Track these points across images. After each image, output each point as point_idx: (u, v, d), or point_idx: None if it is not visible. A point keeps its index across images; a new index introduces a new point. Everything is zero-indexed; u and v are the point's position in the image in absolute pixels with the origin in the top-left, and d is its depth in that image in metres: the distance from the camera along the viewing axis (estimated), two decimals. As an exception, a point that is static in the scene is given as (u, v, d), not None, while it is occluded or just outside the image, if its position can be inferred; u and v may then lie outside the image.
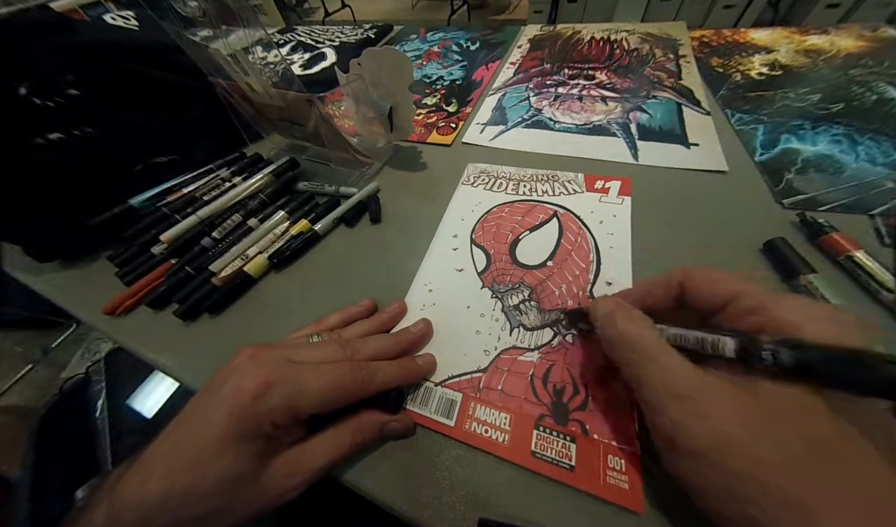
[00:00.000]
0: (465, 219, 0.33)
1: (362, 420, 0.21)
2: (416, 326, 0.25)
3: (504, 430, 0.21)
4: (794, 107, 0.39)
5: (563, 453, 0.20)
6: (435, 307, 0.27)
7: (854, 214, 0.28)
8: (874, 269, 0.23)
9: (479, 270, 0.29)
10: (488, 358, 0.24)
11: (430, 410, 0.22)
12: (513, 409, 0.22)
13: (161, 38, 0.41)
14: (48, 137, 0.33)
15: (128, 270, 0.32)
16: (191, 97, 0.41)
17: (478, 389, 0.23)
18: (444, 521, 0.19)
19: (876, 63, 0.43)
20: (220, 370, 0.20)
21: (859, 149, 0.33)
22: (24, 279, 0.35)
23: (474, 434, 0.21)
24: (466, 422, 0.21)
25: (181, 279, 0.31)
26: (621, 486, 0.18)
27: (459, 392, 0.23)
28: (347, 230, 0.35)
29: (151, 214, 0.35)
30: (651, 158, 0.36)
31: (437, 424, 0.22)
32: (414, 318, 0.27)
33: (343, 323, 0.26)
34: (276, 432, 0.18)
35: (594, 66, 0.52)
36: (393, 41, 0.71)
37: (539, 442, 0.20)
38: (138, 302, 0.30)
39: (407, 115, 0.36)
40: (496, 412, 0.22)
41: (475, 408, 0.22)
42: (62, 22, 0.38)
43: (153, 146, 0.40)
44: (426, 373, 0.23)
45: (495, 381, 0.23)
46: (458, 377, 0.23)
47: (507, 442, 0.20)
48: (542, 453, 0.20)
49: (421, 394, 0.23)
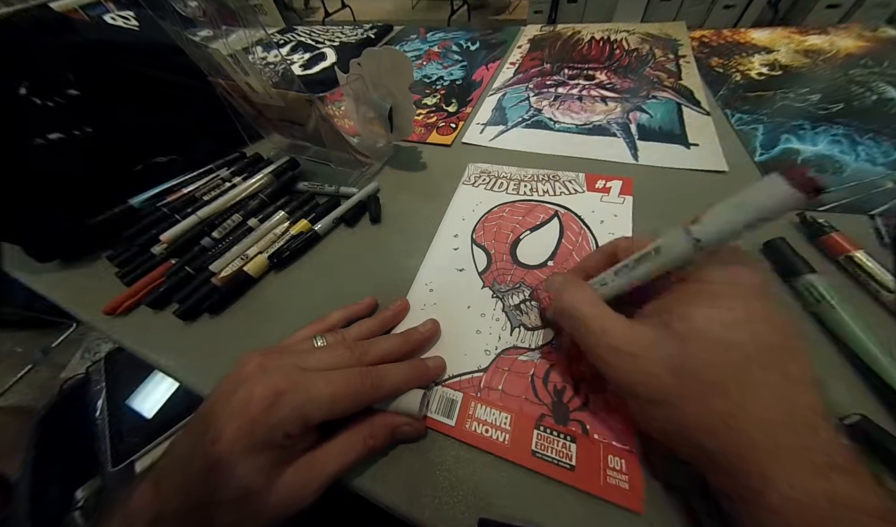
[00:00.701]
0: (465, 219, 0.33)
1: (374, 425, 0.20)
2: (424, 326, 0.25)
3: (505, 429, 0.21)
4: (794, 107, 0.39)
5: (563, 453, 0.20)
6: (436, 307, 0.27)
7: (854, 214, 0.28)
8: (874, 269, 0.23)
9: (480, 270, 0.29)
10: (489, 358, 0.24)
11: (431, 409, 0.22)
12: (513, 409, 0.22)
13: (161, 38, 0.41)
14: (48, 136, 0.33)
15: (128, 270, 0.32)
16: (191, 97, 0.41)
17: (478, 389, 0.23)
18: (444, 521, 0.19)
19: (876, 63, 0.43)
20: (229, 377, 0.19)
21: (859, 149, 0.33)
22: (24, 279, 0.35)
23: (475, 434, 0.21)
24: (467, 422, 0.21)
25: (181, 279, 0.31)
26: (621, 486, 0.18)
27: (460, 392, 0.23)
28: (347, 230, 0.35)
29: (151, 215, 0.35)
30: (651, 159, 0.36)
31: (437, 423, 0.22)
32: (414, 317, 0.27)
33: (345, 321, 0.26)
34: (288, 442, 0.18)
35: (594, 67, 0.52)
36: (393, 41, 0.71)
37: (539, 442, 0.20)
38: (138, 302, 0.30)
39: (407, 115, 0.36)
40: (497, 412, 0.22)
41: (476, 408, 0.22)
42: (62, 22, 0.38)
43: (153, 146, 0.40)
44: (436, 375, 0.23)
45: (496, 381, 0.23)
46: (459, 377, 0.23)
47: (508, 442, 0.20)
48: (542, 452, 0.20)
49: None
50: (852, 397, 0.19)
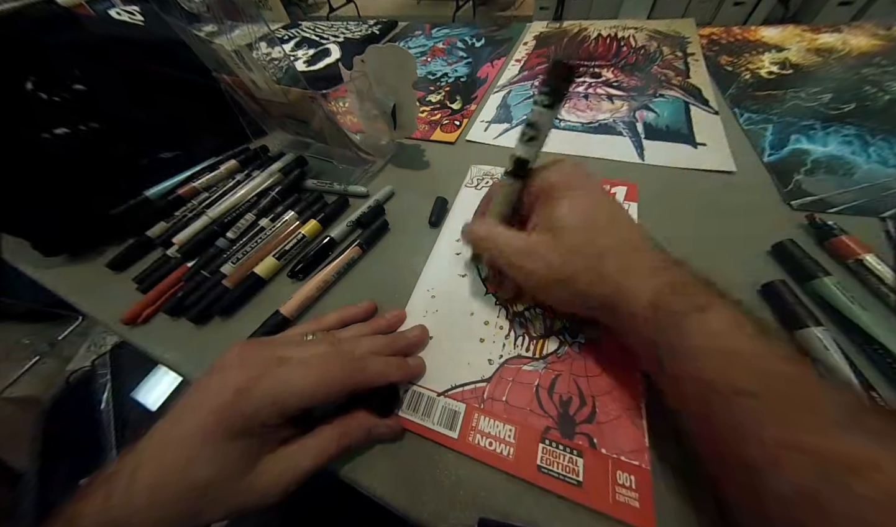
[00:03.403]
0: (467, 223, 0.32)
1: (350, 423, 0.20)
2: (411, 331, 0.25)
3: (509, 443, 0.20)
4: (805, 106, 0.39)
5: (569, 468, 0.19)
6: (438, 314, 0.27)
7: (864, 217, 0.28)
8: (884, 272, 0.23)
9: (483, 276, 0.28)
10: (492, 367, 0.23)
11: (433, 421, 0.21)
12: (518, 421, 0.21)
13: (166, 34, 0.40)
14: (54, 131, 0.33)
15: (125, 262, 0.32)
16: (195, 93, 0.41)
17: (482, 400, 0.22)
18: (444, 520, 0.18)
19: (889, 62, 0.43)
20: (214, 365, 0.20)
21: (871, 150, 0.33)
22: (31, 273, 0.36)
23: (478, 447, 0.20)
24: (470, 434, 0.21)
25: (198, 283, 0.30)
26: (631, 504, 0.17)
27: (463, 403, 0.22)
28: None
29: (162, 209, 0.35)
30: (657, 158, 0.36)
31: (439, 435, 0.21)
32: (416, 324, 0.26)
33: (341, 323, 0.26)
34: (265, 430, 0.18)
35: (601, 64, 0.51)
36: (397, 38, 0.71)
37: (545, 456, 0.19)
38: (157, 310, 0.30)
39: (410, 112, 0.36)
40: (501, 424, 0.21)
41: (479, 419, 0.21)
42: (68, 17, 0.38)
43: (158, 142, 0.40)
44: (416, 373, 0.23)
45: (500, 391, 0.22)
46: (462, 387, 0.23)
47: (512, 456, 0.20)
48: (548, 467, 0.19)
49: (423, 404, 0.22)
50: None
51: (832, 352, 0.20)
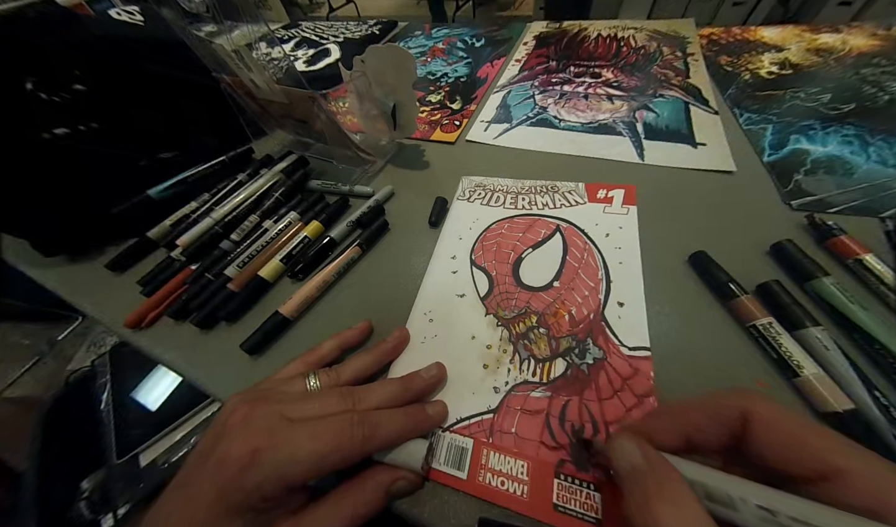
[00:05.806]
0: (462, 238, 0.31)
1: (365, 488, 0.18)
2: (428, 371, 0.22)
3: (522, 480, 0.19)
4: (805, 107, 0.39)
5: (587, 505, 0.18)
6: (437, 340, 0.25)
7: (864, 217, 0.28)
8: (884, 272, 0.23)
9: (482, 295, 0.27)
10: (498, 396, 0.22)
11: (440, 460, 0.20)
12: (530, 455, 0.19)
13: (166, 34, 0.40)
14: (54, 131, 0.33)
15: (126, 261, 0.32)
16: (195, 93, 0.41)
17: (489, 433, 0.20)
18: (444, 520, 0.18)
19: (889, 62, 0.43)
20: (215, 427, 0.18)
21: (870, 150, 0.33)
22: (30, 273, 0.36)
23: (489, 487, 0.19)
24: (480, 473, 0.19)
25: (202, 286, 0.30)
26: None
27: (470, 438, 0.20)
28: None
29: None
30: (657, 158, 0.36)
31: (447, 477, 0.19)
32: (414, 352, 0.24)
33: (339, 351, 0.24)
34: (267, 505, 0.16)
35: (600, 64, 0.51)
36: (397, 38, 0.71)
37: (561, 493, 0.18)
38: (160, 314, 0.30)
39: (410, 112, 0.36)
40: (511, 460, 0.19)
41: (488, 455, 0.20)
42: (68, 17, 0.38)
43: (157, 142, 0.40)
44: (437, 424, 0.21)
45: (508, 422, 0.21)
46: (468, 420, 0.21)
47: (527, 495, 0.18)
48: (565, 505, 0.18)
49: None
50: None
51: (832, 352, 0.20)
